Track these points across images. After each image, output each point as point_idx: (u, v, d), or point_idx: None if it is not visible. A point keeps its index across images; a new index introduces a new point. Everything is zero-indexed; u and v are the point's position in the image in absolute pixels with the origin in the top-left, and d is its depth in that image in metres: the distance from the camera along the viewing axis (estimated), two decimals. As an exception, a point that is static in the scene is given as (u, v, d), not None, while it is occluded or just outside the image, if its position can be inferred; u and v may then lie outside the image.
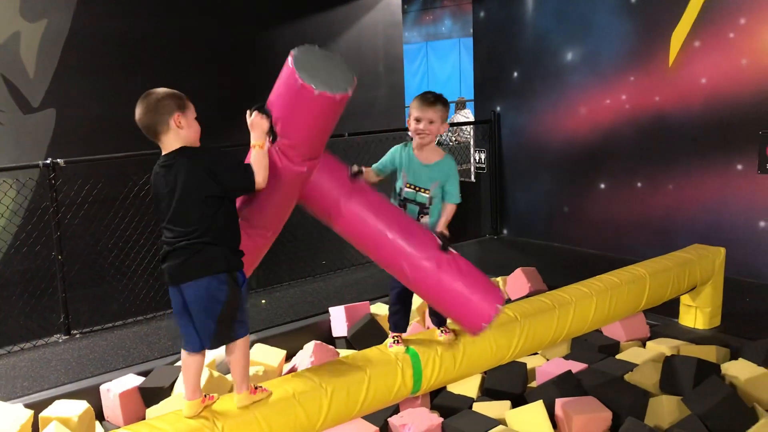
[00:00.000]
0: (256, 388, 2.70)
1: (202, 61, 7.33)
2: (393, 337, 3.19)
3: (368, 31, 9.11)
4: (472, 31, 8.55)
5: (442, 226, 3.13)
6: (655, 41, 6.45)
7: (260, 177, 2.61)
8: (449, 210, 3.17)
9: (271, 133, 2.69)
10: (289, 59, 2.66)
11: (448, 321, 3.27)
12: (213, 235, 2.53)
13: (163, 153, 2.65)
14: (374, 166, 3.25)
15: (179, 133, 2.60)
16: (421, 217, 3.15)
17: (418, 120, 3.13)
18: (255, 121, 2.70)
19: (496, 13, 7.98)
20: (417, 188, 3.14)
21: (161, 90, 2.63)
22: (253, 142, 2.68)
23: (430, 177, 3.13)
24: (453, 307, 2.97)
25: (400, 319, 3.28)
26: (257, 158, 2.63)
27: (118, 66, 6.82)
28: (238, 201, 2.76)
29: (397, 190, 3.19)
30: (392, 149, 3.24)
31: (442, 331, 3.23)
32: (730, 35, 5.93)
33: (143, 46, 6.99)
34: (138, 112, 2.60)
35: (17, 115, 6.30)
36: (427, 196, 3.13)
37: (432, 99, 3.14)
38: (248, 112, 2.73)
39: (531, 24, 7.61)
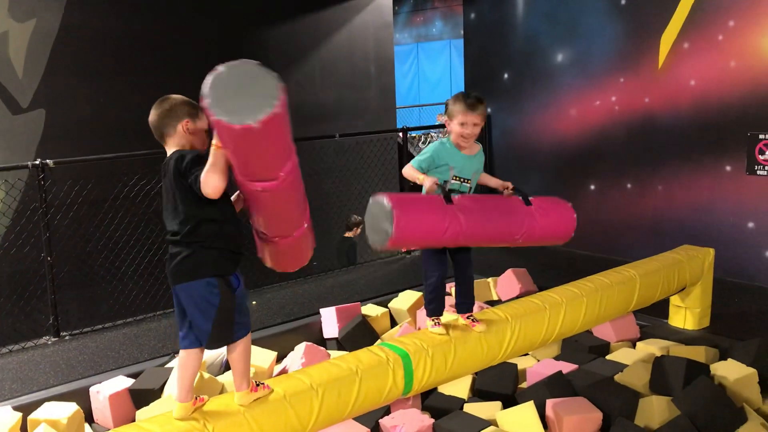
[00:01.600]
0: (257, 385, 2.70)
1: (191, 61, 7.31)
2: (432, 319, 3.37)
3: (359, 32, 9.12)
4: (462, 32, 8.58)
5: (499, 180, 3.56)
6: (645, 43, 6.48)
7: (208, 180, 2.36)
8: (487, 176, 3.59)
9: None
10: (205, 98, 2.25)
11: (474, 309, 3.51)
12: (203, 237, 2.52)
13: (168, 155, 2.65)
14: (419, 165, 3.37)
15: (184, 137, 2.59)
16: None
17: (463, 124, 3.28)
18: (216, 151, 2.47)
19: (487, 14, 8.00)
20: (462, 180, 3.38)
21: (177, 96, 2.65)
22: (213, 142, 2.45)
23: (473, 168, 3.42)
24: (552, 234, 3.65)
25: (437, 306, 3.42)
26: (211, 157, 2.40)
27: (107, 66, 6.79)
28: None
29: (440, 182, 3.33)
30: (433, 147, 3.38)
31: (473, 320, 3.40)
32: (719, 37, 5.97)
33: (133, 47, 6.97)
34: (152, 113, 2.61)
35: (6, 116, 6.26)
36: (469, 185, 3.41)
37: (475, 101, 3.29)
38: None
39: (521, 26, 7.63)
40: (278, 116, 2.27)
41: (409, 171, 3.35)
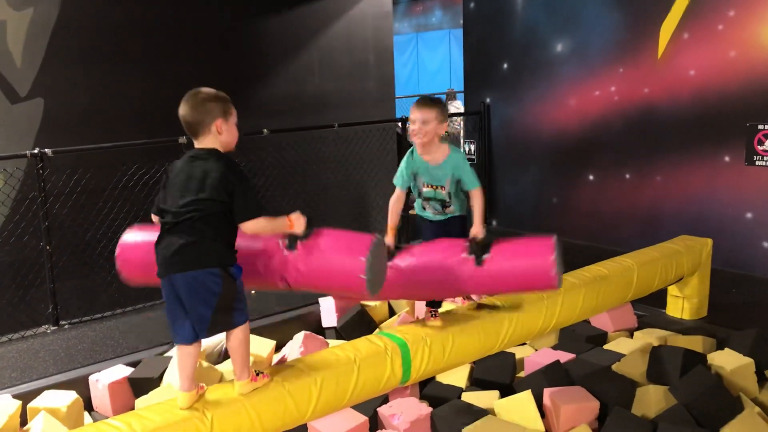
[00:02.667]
0: (257, 374, 2.71)
1: (190, 51, 7.28)
2: (430, 311, 3.36)
3: (358, 21, 9.08)
4: (462, 22, 8.55)
5: (478, 225, 3.28)
6: (644, 33, 6.47)
7: (257, 227, 2.62)
8: (476, 196, 3.36)
9: (292, 240, 2.83)
10: (360, 269, 2.74)
11: (449, 307, 3.48)
12: (210, 230, 2.53)
13: (196, 146, 2.68)
14: (397, 182, 3.45)
15: (218, 137, 2.66)
16: (446, 209, 3.43)
17: (413, 121, 3.31)
18: (298, 218, 2.80)
19: (486, 4, 7.97)
20: (435, 187, 3.38)
21: (209, 91, 2.67)
22: (292, 217, 2.78)
23: (444, 174, 3.36)
24: (517, 284, 3.17)
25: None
26: (276, 221, 2.70)
27: (106, 55, 6.76)
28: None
29: (417, 191, 3.42)
30: (402, 161, 3.45)
31: (433, 314, 3.35)
32: (718, 27, 5.95)
33: (132, 35, 6.94)
34: (183, 108, 2.64)
35: (4, 105, 6.24)
36: (444, 192, 3.38)
37: (424, 101, 3.33)
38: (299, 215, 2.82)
39: (521, 15, 7.61)
40: None
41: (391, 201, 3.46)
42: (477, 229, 3.25)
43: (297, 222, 2.78)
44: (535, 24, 7.44)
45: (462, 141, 8.67)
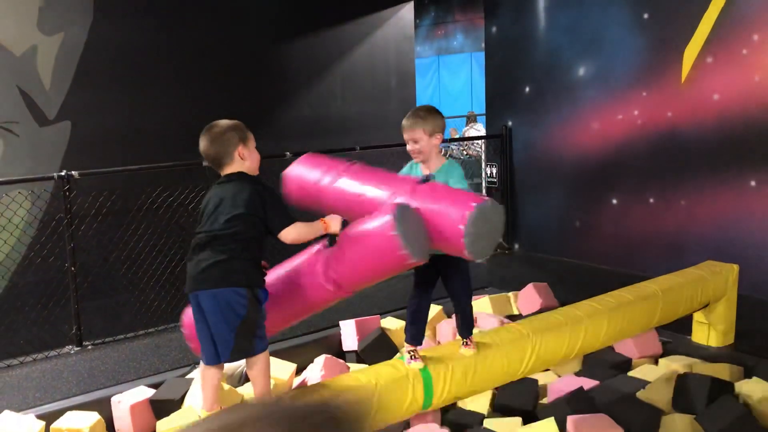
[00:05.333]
0: None
1: (216, 75, 7.39)
2: (409, 352, 3.16)
3: (380, 45, 9.16)
4: (483, 45, 8.58)
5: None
6: (668, 57, 6.44)
7: (295, 233, 2.71)
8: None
9: (332, 238, 2.87)
10: (390, 225, 2.61)
11: (474, 332, 3.31)
12: (242, 247, 2.57)
13: (223, 174, 2.75)
14: None
15: (243, 164, 2.74)
16: None
17: (407, 142, 3.27)
18: (333, 218, 2.86)
19: (508, 28, 8.00)
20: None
21: (224, 123, 2.76)
22: (326, 218, 2.85)
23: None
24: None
25: (417, 332, 3.25)
26: (311, 225, 2.78)
27: (133, 79, 6.89)
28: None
29: None
30: (406, 166, 3.40)
31: (465, 343, 3.23)
32: (743, 51, 5.92)
33: (158, 60, 7.06)
34: (203, 143, 2.72)
35: (33, 127, 6.37)
36: None
37: (408, 120, 3.23)
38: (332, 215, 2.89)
39: (543, 39, 7.62)
40: None
41: None
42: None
43: (332, 222, 2.84)
44: (558, 47, 7.45)
45: (483, 164, 8.67)
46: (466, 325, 3.28)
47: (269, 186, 2.74)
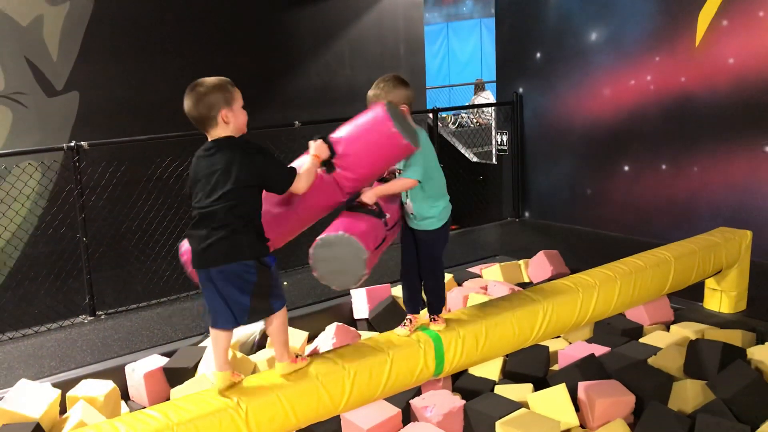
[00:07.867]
0: (297, 356, 2.78)
1: (223, 42, 7.34)
2: (432, 318, 3.18)
3: (389, 12, 9.06)
4: (494, 11, 8.46)
5: (374, 191, 2.98)
6: (682, 20, 6.33)
7: (303, 183, 2.71)
8: (399, 182, 3.02)
9: (327, 164, 2.85)
10: (381, 109, 2.87)
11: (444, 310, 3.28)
12: (242, 221, 2.55)
13: (210, 140, 2.67)
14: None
15: (227, 126, 2.65)
16: (406, 200, 3.11)
17: None
18: (319, 147, 2.82)
19: (519, -8, 7.87)
20: (399, 171, 3.08)
21: (208, 82, 2.63)
22: (313, 152, 2.80)
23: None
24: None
25: (408, 300, 3.24)
26: (309, 166, 2.75)
27: (140, 48, 6.85)
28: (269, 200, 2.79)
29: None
30: None
31: (432, 319, 3.20)
32: (759, 14, 5.80)
33: (166, 29, 7.01)
34: (186, 104, 2.63)
35: (41, 98, 6.36)
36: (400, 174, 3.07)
37: (374, 92, 3.09)
38: (314, 138, 2.87)
39: (554, 3, 7.50)
40: None
41: None
42: (373, 192, 2.98)
43: (319, 150, 2.81)
44: (569, 12, 7.33)
45: (494, 131, 8.60)
46: (431, 304, 3.24)
47: (258, 146, 2.63)
